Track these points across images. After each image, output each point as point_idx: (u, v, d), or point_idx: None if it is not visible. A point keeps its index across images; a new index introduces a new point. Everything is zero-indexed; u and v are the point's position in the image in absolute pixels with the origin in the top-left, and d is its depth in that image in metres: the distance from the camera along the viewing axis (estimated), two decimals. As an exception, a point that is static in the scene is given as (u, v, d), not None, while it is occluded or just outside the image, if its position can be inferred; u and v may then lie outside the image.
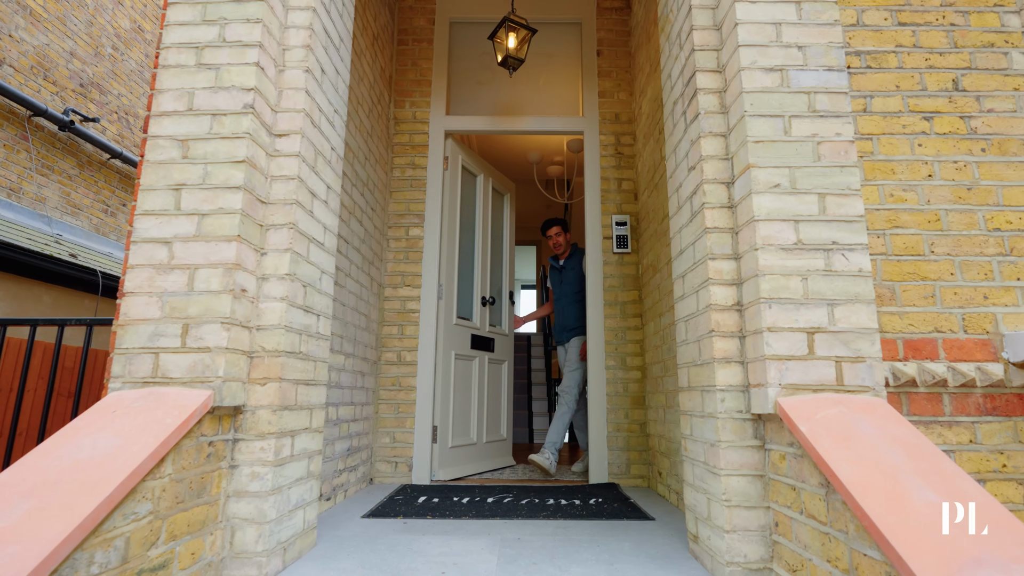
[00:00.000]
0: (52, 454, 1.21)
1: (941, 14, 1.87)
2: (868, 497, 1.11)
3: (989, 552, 0.96)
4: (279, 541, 1.62)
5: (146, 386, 1.49)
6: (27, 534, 0.99)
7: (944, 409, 1.60)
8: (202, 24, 1.73)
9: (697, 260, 1.78)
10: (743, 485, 1.55)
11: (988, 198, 1.73)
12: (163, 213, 1.60)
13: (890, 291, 1.68)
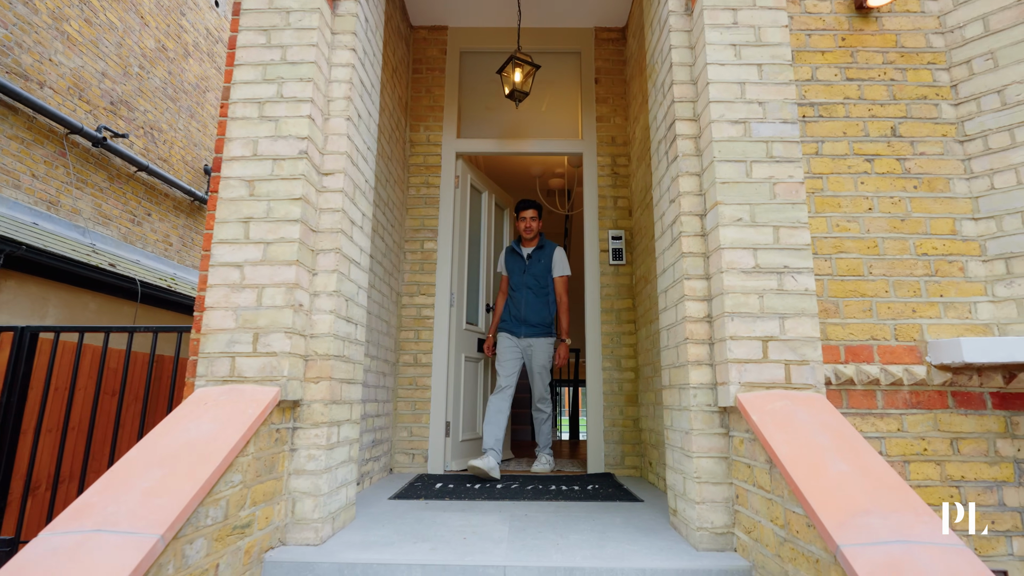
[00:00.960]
0: (168, 435, 1.55)
1: (883, 70, 2.21)
2: (796, 468, 1.46)
3: (875, 505, 1.30)
4: (330, 511, 1.97)
5: (226, 384, 1.84)
6: (166, 492, 1.34)
7: (877, 403, 1.94)
8: (263, 83, 2.08)
9: (676, 279, 2.13)
10: (711, 465, 1.89)
11: (918, 228, 2.07)
12: (235, 242, 1.95)
13: (835, 306, 2.03)
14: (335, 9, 2.28)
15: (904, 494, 1.35)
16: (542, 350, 3.63)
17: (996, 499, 1.87)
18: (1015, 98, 2.03)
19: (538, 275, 3.69)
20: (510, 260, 3.82)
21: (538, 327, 3.63)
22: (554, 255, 3.74)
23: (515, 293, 3.70)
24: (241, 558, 1.60)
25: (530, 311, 3.63)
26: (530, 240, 3.77)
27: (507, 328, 3.67)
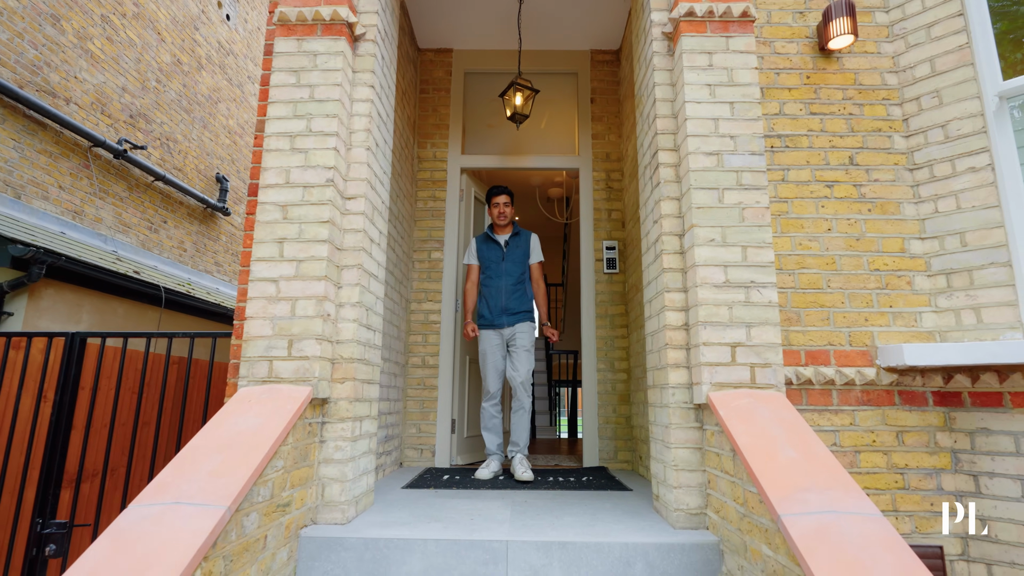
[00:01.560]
0: (222, 427, 1.83)
1: (843, 105, 2.49)
2: (752, 455, 1.73)
3: (814, 483, 1.58)
4: (354, 495, 2.24)
5: (265, 384, 2.11)
6: (227, 473, 1.62)
7: (833, 401, 2.22)
8: (294, 118, 2.36)
9: (658, 291, 2.40)
10: (687, 455, 2.16)
11: (871, 246, 2.34)
12: (271, 259, 2.23)
13: (797, 315, 2.30)
14: (356, 50, 2.56)
15: (839, 475, 1.63)
16: (526, 332, 3.53)
17: (935, 484, 2.14)
18: (956, 132, 2.30)
19: (517, 262, 3.59)
20: (485, 249, 3.65)
21: (522, 313, 3.54)
22: (531, 242, 3.67)
23: (493, 282, 3.57)
24: (283, 532, 1.87)
25: (513, 299, 3.53)
26: (504, 227, 3.65)
27: (489, 323, 3.54)
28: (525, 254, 3.63)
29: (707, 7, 2.39)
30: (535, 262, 3.68)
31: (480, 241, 3.71)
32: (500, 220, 3.61)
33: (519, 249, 3.62)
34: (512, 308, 3.53)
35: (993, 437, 2.07)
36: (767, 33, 2.58)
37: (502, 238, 3.65)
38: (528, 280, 3.65)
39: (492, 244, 3.65)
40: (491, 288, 3.58)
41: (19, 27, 4.75)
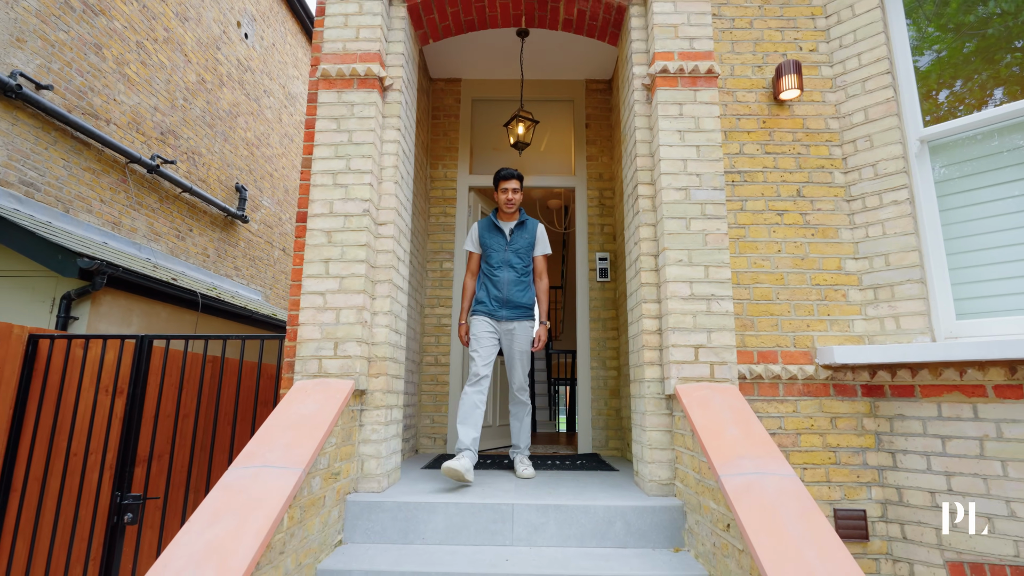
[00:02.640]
0: (287, 411, 2.32)
1: (792, 146, 2.97)
2: (705, 433, 2.22)
3: (748, 453, 2.07)
4: (386, 470, 2.73)
5: (316, 378, 2.60)
6: (298, 445, 2.10)
7: (779, 392, 2.70)
8: (335, 159, 2.85)
9: (638, 301, 2.89)
10: (659, 436, 2.65)
11: (813, 265, 2.83)
12: (319, 276, 2.71)
13: (751, 322, 2.79)
14: (385, 98, 3.04)
15: (768, 447, 2.11)
16: (524, 334, 3.34)
17: (861, 460, 2.63)
18: (883, 170, 2.78)
19: (521, 253, 3.38)
20: (488, 235, 3.41)
21: (522, 309, 3.34)
22: (537, 232, 3.46)
23: (494, 272, 3.35)
24: (335, 495, 2.36)
25: (515, 292, 3.32)
26: (510, 214, 3.43)
27: (485, 311, 3.31)
28: (530, 245, 3.41)
29: (678, 65, 2.87)
30: (540, 254, 3.46)
31: (483, 227, 3.45)
32: (507, 208, 3.37)
33: (524, 239, 3.40)
34: (514, 301, 3.32)
35: (907, 421, 2.56)
36: (731, 84, 3.06)
37: (507, 225, 3.42)
38: (532, 273, 3.45)
39: (496, 231, 3.41)
40: (491, 278, 3.35)
41: (68, 57, 5.24)
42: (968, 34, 2.75)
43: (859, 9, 2.97)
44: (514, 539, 2.42)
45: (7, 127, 4.64)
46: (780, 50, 3.08)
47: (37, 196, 4.91)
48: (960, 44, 2.77)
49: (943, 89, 2.80)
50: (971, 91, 2.70)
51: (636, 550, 2.38)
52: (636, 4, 3.16)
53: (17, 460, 3.11)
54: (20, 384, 3.17)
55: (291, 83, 10.27)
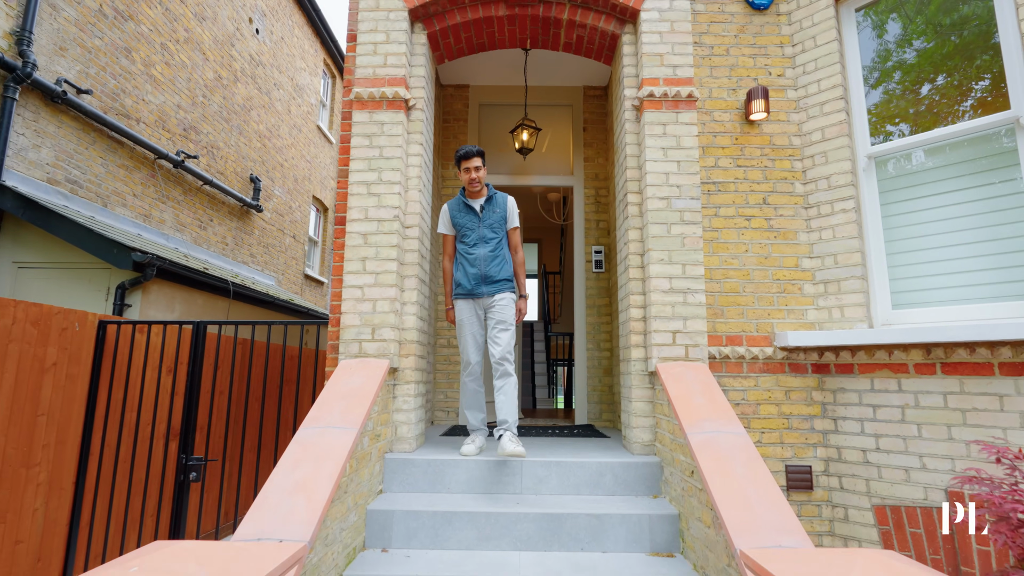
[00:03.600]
0: (337, 384, 2.84)
1: (760, 160, 3.45)
2: (677, 401, 2.75)
3: (711, 416, 2.60)
4: (415, 434, 3.27)
5: (357, 358, 3.12)
6: (351, 411, 2.63)
7: (743, 370, 3.23)
8: (369, 171, 3.32)
9: (626, 293, 3.40)
10: (642, 406, 3.19)
11: (775, 263, 3.34)
12: (357, 272, 3.21)
13: (721, 311, 3.31)
14: (409, 116, 3.51)
15: (727, 412, 2.65)
16: (506, 305, 3.34)
17: (809, 426, 3.17)
18: (835, 183, 3.27)
19: (495, 227, 3.41)
20: (461, 216, 3.44)
21: (501, 282, 3.35)
22: (508, 205, 3.48)
23: (470, 250, 3.37)
24: (378, 452, 2.90)
25: (491, 267, 3.33)
26: (476, 192, 3.43)
27: (465, 292, 3.35)
28: (502, 219, 3.44)
29: (663, 90, 3.34)
30: (512, 227, 3.49)
31: (453, 208, 3.48)
32: (472, 187, 3.40)
33: (495, 214, 3.42)
34: (492, 276, 3.33)
35: (846, 394, 3.09)
36: (709, 105, 3.53)
37: (477, 203, 3.43)
38: (506, 247, 3.47)
39: (467, 210, 3.43)
40: (468, 256, 3.37)
41: (102, 62, 5.64)
42: (910, 68, 3.22)
43: (820, 40, 3.43)
44: (523, 488, 2.97)
45: (54, 130, 5.07)
46: (752, 75, 3.55)
47: (80, 192, 5.36)
48: (905, 77, 3.24)
49: (889, 113, 3.28)
50: (910, 116, 3.19)
51: (622, 497, 2.93)
52: (628, 33, 3.61)
53: (94, 429, 3.63)
54: (92, 363, 3.68)
55: (298, 75, 10.61)
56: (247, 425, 4.30)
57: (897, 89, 3.25)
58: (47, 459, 3.32)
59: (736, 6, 3.62)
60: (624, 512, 2.65)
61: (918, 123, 3.15)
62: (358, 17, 3.51)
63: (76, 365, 3.54)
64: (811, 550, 1.62)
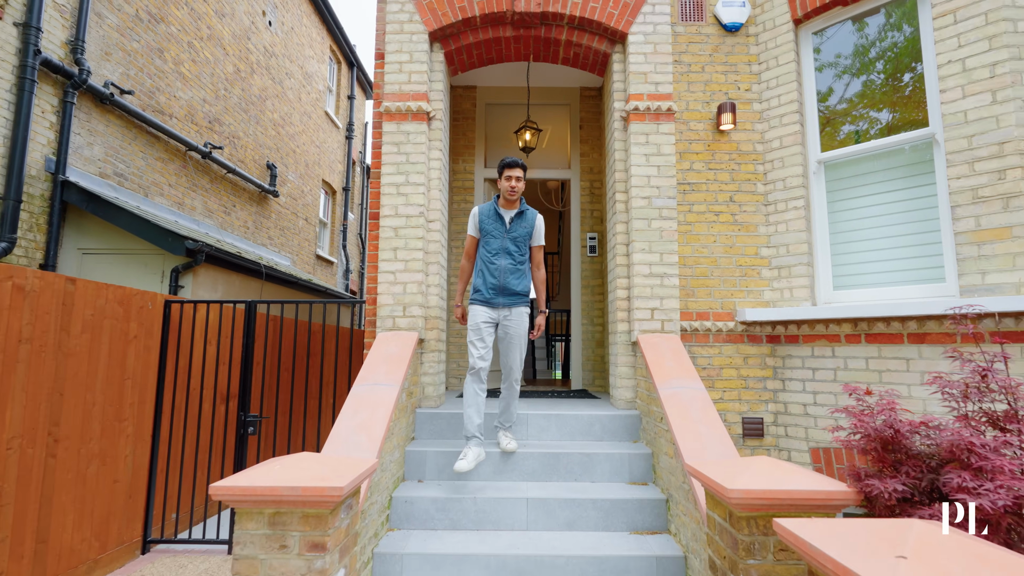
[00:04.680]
0: (379, 351, 3.51)
1: (728, 164, 4.07)
2: (652, 364, 3.43)
3: (679, 375, 3.29)
4: (438, 393, 3.96)
5: (392, 331, 3.79)
6: (393, 372, 3.30)
7: (710, 340, 3.91)
8: (397, 174, 3.94)
9: (614, 277, 4.06)
10: (626, 370, 3.87)
11: (738, 251, 3.99)
12: (390, 260, 3.85)
13: (693, 292, 3.97)
14: (430, 126, 4.10)
15: (691, 373, 3.33)
16: (520, 319, 3.45)
17: (763, 386, 3.86)
18: (790, 184, 3.90)
19: (519, 241, 3.46)
20: (489, 222, 3.49)
21: (517, 296, 3.44)
22: (536, 223, 3.53)
23: (492, 259, 3.43)
24: (411, 407, 3.59)
25: (511, 279, 3.41)
26: (512, 202, 3.48)
27: (482, 299, 3.43)
28: (528, 235, 3.51)
29: (646, 105, 3.94)
30: (537, 244, 3.58)
31: (484, 212, 3.51)
32: (510, 195, 3.44)
33: (523, 228, 3.49)
34: (510, 288, 3.42)
35: (792, 359, 3.78)
36: (686, 116, 4.13)
37: (508, 214, 3.49)
38: (528, 263, 3.57)
39: (497, 218, 3.49)
40: (490, 266, 3.44)
41: (140, 63, 6.16)
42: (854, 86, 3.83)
43: (782, 60, 4.02)
44: (528, 435, 3.67)
45: (103, 128, 5.64)
46: (724, 89, 4.14)
47: (126, 184, 5.95)
48: (850, 94, 3.84)
49: (838, 124, 3.89)
50: (853, 129, 3.80)
51: (608, 441, 3.64)
52: (617, 52, 4.19)
53: (164, 391, 4.31)
54: (161, 336, 4.34)
55: (307, 63, 11.04)
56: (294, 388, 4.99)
57: (842, 105, 3.86)
58: (132, 415, 4.01)
59: (711, 28, 4.19)
60: (609, 452, 3.36)
61: (860, 134, 3.77)
62: (385, 39, 4.08)
63: (150, 338, 4.20)
64: (731, 459, 2.30)
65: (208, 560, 3.96)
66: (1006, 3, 3.12)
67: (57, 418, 3.36)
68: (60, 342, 3.39)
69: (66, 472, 3.42)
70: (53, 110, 5.02)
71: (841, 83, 3.89)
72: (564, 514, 3.01)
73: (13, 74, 4.64)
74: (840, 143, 3.86)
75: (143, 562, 3.92)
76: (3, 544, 3.01)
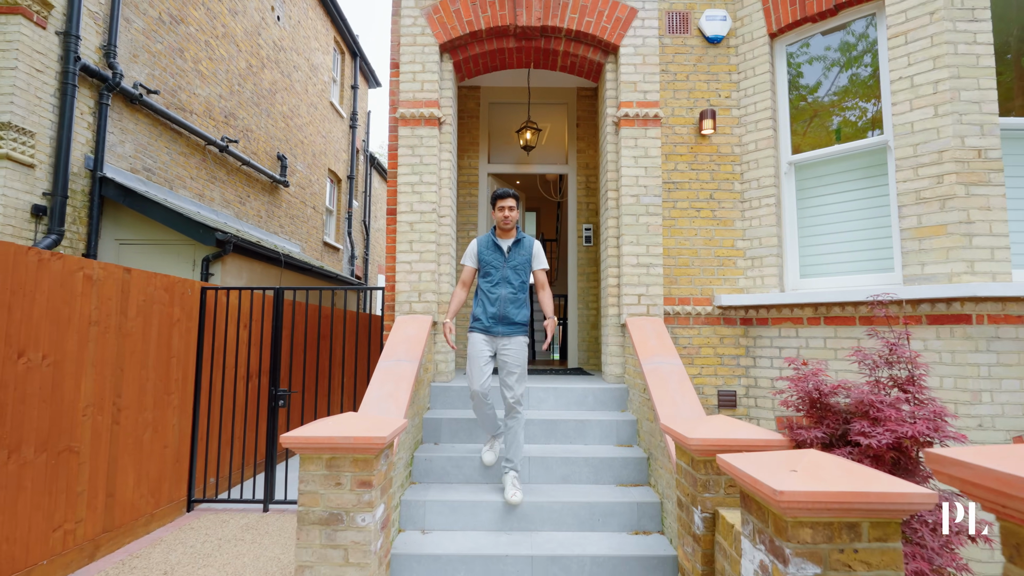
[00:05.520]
0: (399, 332, 4.00)
1: (709, 165, 4.53)
2: (638, 343, 3.94)
3: (659, 351, 3.80)
4: (449, 370, 4.46)
5: (409, 315, 4.28)
6: (412, 350, 3.80)
7: (690, 323, 4.42)
8: (412, 174, 4.39)
9: (606, 266, 4.54)
10: (615, 348, 4.38)
11: (716, 243, 4.47)
12: (406, 252, 4.33)
13: (675, 280, 4.46)
14: (441, 130, 4.55)
15: (671, 350, 3.83)
16: (519, 349, 3.46)
17: (736, 363, 4.38)
18: (763, 184, 4.37)
19: (519, 269, 3.51)
20: (488, 253, 3.56)
21: (517, 325, 3.48)
22: (534, 249, 3.59)
23: (492, 289, 3.50)
24: (428, 380, 4.10)
25: (510, 308, 3.46)
26: (507, 231, 3.55)
27: (482, 328, 3.49)
28: (527, 262, 3.55)
29: (636, 111, 4.39)
30: (539, 268, 3.61)
31: (482, 244, 3.60)
32: (504, 224, 3.51)
33: (521, 256, 3.54)
34: (509, 318, 3.45)
35: (762, 339, 4.29)
36: (671, 121, 4.58)
37: (505, 243, 3.54)
38: (528, 290, 3.60)
39: (495, 248, 3.55)
40: (490, 296, 3.49)
41: (163, 64, 6.55)
42: (821, 95, 4.27)
43: (758, 71, 4.46)
44: (529, 406, 4.19)
45: (133, 126, 6.05)
46: (706, 96, 4.59)
47: (153, 178, 6.39)
48: (818, 102, 4.29)
49: (806, 130, 4.35)
50: (821, 133, 4.26)
51: (600, 411, 4.16)
52: (610, 62, 4.62)
53: (203, 369, 4.81)
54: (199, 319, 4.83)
55: (313, 55, 11.37)
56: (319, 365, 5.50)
57: (811, 111, 4.32)
58: (177, 389, 4.51)
59: (695, 40, 4.62)
60: (599, 419, 3.88)
61: (826, 138, 4.23)
62: (400, 50, 4.50)
63: (190, 320, 4.69)
64: (698, 417, 2.80)
65: (246, 516, 4.50)
66: (949, 28, 3.56)
67: (119, 390, 3.86)
68: (120, 324, 3.88)
69: (127, 438, 3.93)
70: (90, 111, 5.44)
71: (810, 92, 4.34)
72: (561, 470, 3.53)
73: (56, 80, 5.05)
74: (809, 147, 4.32)
75: (190, 518, 4.46)
76: (82, 497, 3.54)
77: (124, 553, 3.77)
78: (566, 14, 4.47)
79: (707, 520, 2.41)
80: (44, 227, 4.96)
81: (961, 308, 3.38)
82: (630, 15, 4.48)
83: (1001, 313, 3.34)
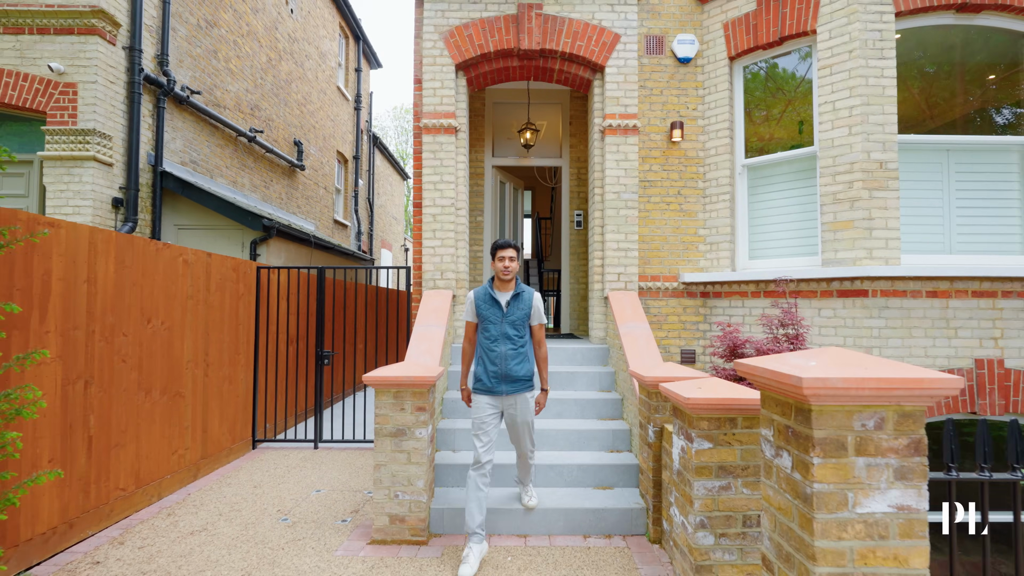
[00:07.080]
0: (427, 304, 5.03)
1: (678, 166, 5.51)
2: (616, 312, 5.00)
3: (632, 319, 4.86)
4: (466, 334, 5.52)
5: (433, 290, 5.30)
6: (440, 317, 4.84)
7: (660, 296, 5.47)
8: (434, 175, 5.35)
9: (593, 250, 5.56)
10: (599, 316, 5.45)
11: (682, 231, 5.49)
12: (430, 239, 5.33)
13: (648, 261, 5.49)
14: (457, 137, 5.48)
15: (642, 317, 4.90)
16: (525, 405, 3.42)
17: (696, 328, 5.45)
18: (720, 182, 5.36)
19: (517, 324, 3.42)
20: (485, 307, 3.46)
21: (521, 382, 3.39)
22: (533, 302, 3.48)
23: (492, 346, 3.39)
24: (450, 342, 5.14)
25: (512, 365, 3.36)
26: (507, 282, 3.44)
27: (484, 388, 3.39)
28: (526, 316, 3.46)
29: (618, 122, 5.34)
30: (537, 324, 3.53)
31: (479, 298, 3.49)
32: (504, 275, 3.41)
33: (520, 311, 3.43)
34: (512, 375, 3.36)
35: (717, 309, 5.35)
36: (648, 129, 5.53)
37: (503, 297, 3.44)
38: (530, 343, 3.52)
39: (493, 303, 3.44)
40: (490, 354, 3.39)
41: (202, 66, 7.36)
42: (766, 110, 5.24)
43: (719, 88, 5.40)
44: (530, 362, 5.27)
45: (181, 124, 6.91)
46: (677, 108, 5.53)
47: (198, 169, 7.27)
48: (766, 115, 5.26)
49: (757, 138, 5.32)
50: (768, 140, 5.24)
51: (586, 365, 5.25)
52: (597, 79, 5.55)
53: (260, 334, 5.83)
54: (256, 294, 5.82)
55: (321, 42, 12.03)
56: (357, 330, 6.54)
57: (762, 123, 5.29)
58: (243, 350, 5.54)
59: (669, 60, 5.54)
60: (586, 371, 4.97)
61: (772, 146, 5.22)
62: (422, 69, 5.39)
63: (250, 295, 5.68)
64: (657, 363, 3.87)
65: (301, 452, 5.61)
66: (862, 64, 4.53)
67: (207, 349, 4.89)
68: (206, 298, 4.88)
69: (213, 387, 4.98)
70: (150, 114, 6.29)
71: (761, 106, 5.30)
72: (555, 408, 4.63)
73: (125, 89, 5.90)
74: (758, 152, 5.31)
75: (256, 454, 5.56)
76: (188, 430, 4.60)
77: (217, 476, 4.86)
78: (561, 39, 5.37)
79: (657, 433, 3.50)
80: (122, 216, 5.88)
81: (861, 285, 4.45)
82: (614, 40, 5.39)
83: (891, 289, 4.41)
